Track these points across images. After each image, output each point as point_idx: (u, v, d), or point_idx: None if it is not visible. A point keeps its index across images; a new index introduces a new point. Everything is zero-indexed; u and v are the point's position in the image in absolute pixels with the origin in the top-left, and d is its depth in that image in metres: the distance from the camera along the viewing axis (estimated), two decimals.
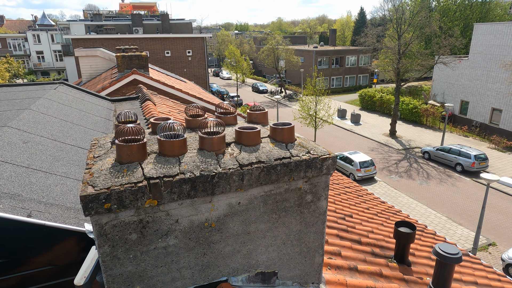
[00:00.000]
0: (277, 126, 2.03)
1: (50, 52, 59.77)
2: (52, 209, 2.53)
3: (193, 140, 2.02)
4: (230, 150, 1.91)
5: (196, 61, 30.13)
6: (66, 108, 5.42)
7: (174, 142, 1.77)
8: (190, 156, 1.81)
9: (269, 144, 2.00)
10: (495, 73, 29.53)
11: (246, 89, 56.20)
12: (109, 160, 1.78)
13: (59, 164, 3.34)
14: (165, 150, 1.78)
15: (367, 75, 54.27)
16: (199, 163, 1.75)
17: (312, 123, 27.23)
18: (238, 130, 1.96)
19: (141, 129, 1.78)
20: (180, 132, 1.86)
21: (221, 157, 1.83)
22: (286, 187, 1.94)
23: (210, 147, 1.85)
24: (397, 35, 28.93)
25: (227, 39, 72.21)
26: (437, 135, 31.15)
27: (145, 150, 1.77)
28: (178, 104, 9.41)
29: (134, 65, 13.41)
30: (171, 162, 1.74)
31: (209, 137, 1.83)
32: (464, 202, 19.63)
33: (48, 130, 4.13)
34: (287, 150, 1.95)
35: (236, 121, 2.40)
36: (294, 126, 2.03)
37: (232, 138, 2.06)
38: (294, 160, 1.87)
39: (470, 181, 22.15)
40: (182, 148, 1.81)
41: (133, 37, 28.51)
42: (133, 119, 2.18)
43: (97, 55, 19.50)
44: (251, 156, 1.85)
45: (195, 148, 1.91)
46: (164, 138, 1.80)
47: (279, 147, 1.97)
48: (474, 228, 16.94)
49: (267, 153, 1.89)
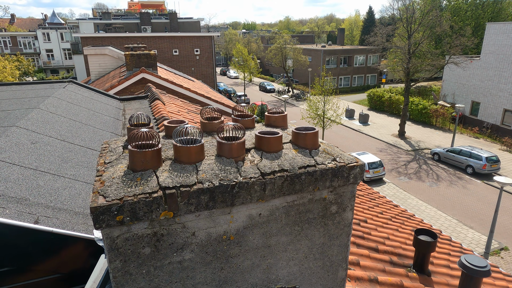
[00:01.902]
0: (300, 131, 1.89)
1: (60, 50, 60.28)
2: (60, 214, 2.42)
3: (210, 146, 1.89)
4: (250, 156, 1.78)
5: (204, 60, 30.09)
6: (75, 107, 5.34)
7: (191, 148, 1.64)
8: (208, 164, 1.67)
9: (292, 150, 1.86)
10: (508, 73, 28.97)
11: (253, 88, 56.06)
12: (121, 167, 1.65)
13: (68, 166, 3.24)
14: (181, 157, 1.65)
15: (375, 75, 53.72)
16: (218, 171, 1.62)
17: (320, 123, 26.99)
18: (258, 135, 1.82)
19: (155, 133, 1.65)
20: (197, 137, 1.73)
21: (241, 165, 1.69)
22: (310, 197, 1.80)
23: (229, 154, 1.71)
24: (407, 35, 28.52)
25: (234, 38, 72.10)
26: (447, 136, 30.66)
27: (160, 156, 1.64)
28: (187, 103, 9.31)
29: (143, 64, 13.36)
30: (188, 170, 1.61)
31: (228, 142, 1.70)
32: (475, 205, 19.25)
33: (56, 130, 4.04)
34: (311, 157, 1.81)
35: (254, 124, 2.27)
36: (318, 131, 1.89)
37: (252, 144, 1.93)
38: (319, 169, 1.72)
39: (481, 184, 21.73)
40: (200, 154, 1.68)
41: (141, 36, 28.56)
42: (146, 122, 2.06)
43: (105, 53, 19.53)
44: (273, 163, 1.71)
45: (212, 154, 1.78)
46: (180, 143, 1.67)
47: (303, 154, 1.83)
48: (486, 232, 16.60)
49: (290, 160, 1.75)
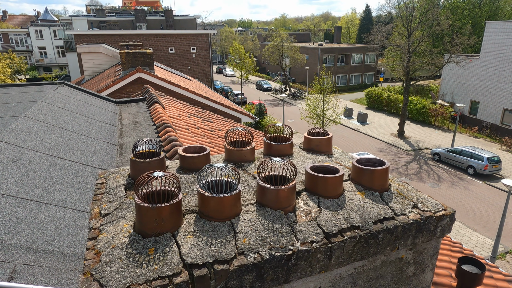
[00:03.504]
0: (365, 166, 1.40)
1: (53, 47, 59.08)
2: (44, 258, 1.93)
3: (246, 188, 1.39)
4: (303, 205, 1.29)
5: (201, 58, 29.48)
6: (66, 114, 4.81)
7: (224, 200, 1.15)
8: (248, 219, 1.18)
9: (356, 193, 1.38)
10: (508, 72, 28.73)
11: (250, 87, 55.43)
12: (124, 226, 1.16)
13: (56, 189, 2.74)
14: (210, 211, 1.16)
15: (372, 73, 53.40)
16: (264, 232, 1.13)
17: (319, 122, 26.55)
18: (312, 174, 1.33)
19: (173, 178, 1.15)
20: (231, 179, 1.24)
21: (294, 219, 1.20)
22: (383, 259, 1.32)
23: (277, 204, 1.23)
24: (406, 33, 28.14)
25: (230, 36, 71.28)
26: (446, 135, 30.39)
27: (181, 211, 1.15)
28: (187, 106, 8.80)
29: (139, 63, 12.78)
30: (222, 232, 1.12)
31: (275, 188, 1.21)
32: (478, 207, 18.96)
33: (44, 142, 3.53)
34: (385, 204, 1.32)
35: (292, 149, 1.78)
36: (389, 167, 1.41)
37: (300, 181, 1.44)
38: (400, 223, 1.24)
39: (483, 185, 21.45)
40: (236, 206, 1.19)
41: (136, 33, 27.87)
42: (155, 150, 1.56)
43: (100, 51, 18.87)
44: (337, 216, 1.22)
45: (251, 202, 1.29)
46: (207, 190, 1.17)
47: (372, 199, 1.35)
48: (490, 234, 16.30)
49: (359, 210, 1.27)
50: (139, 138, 4.84)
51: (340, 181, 1.33)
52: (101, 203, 1.33)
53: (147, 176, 1.11)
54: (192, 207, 1.25)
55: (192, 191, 1.37)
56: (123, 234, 1.12)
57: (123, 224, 1.16)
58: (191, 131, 5.97)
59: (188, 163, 1.53)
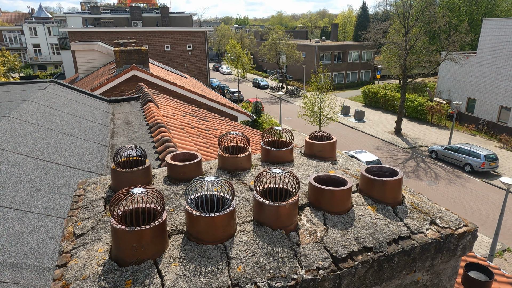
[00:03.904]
0: (376, 177, 1.24)
1: (47, 45, 58.44)
2: (22, 274, 1.76)
3: (242, 203, 1.23)
4: (307, 222, 1.13)
5: (197, 56, 29.22)
6: (55, 113, 4.63)
7: (215, 220, 0.99)
8: (243, 242, 1.02)
9: (366, 207, 1.22)
10: (505, 70, 28.72)
11: (247, 84, 55.17)
12: (99, 251, 0.99)
13: (39, 195, 2.57)
14: (199, 233, 1.00)
15: (369, 71, 53.33)
16: (262, 257, 0.97)
17: (316, 120, 26.42)
18: (316, 187, 1.18)
19: (157, 195, 0.99)
20: (225, 195, 1.07)
21: (296, 239, 1.04)
22: (397, 283, 1.16)
23: (277, 222, 1.07)
24: (403, 30, 28.03)
25: (227, 33, 70.88)
26: (443, 133, 30.38)
27: (165, 234, 0.99)
28: (182, 104, 8.61)
29: (134, 60, 12.56)
30: (213, 258, 0.96)
31: (275, 205, 1.05)
32: (475, 204, 18.94)
33: (29, 144, 3.35)
34: (399, 220, 1.17)
35: (292, 155, 1.61)
36: (403, 177, 1.25)
37: (302, 194, 1.28)
38: (418, 242, 1.09)
39: (480, 182, 21.44)
40: (230, 226, 1.03)
41: (132, 31, 27.55)
42: (140, 157, 1.39)
43: (94, 49, 18.59)
44: (346, 236, 1.06)
45: (247, 220, 1.13)
46: (197, 210, 1.01)
47: (385, 214, 1.19)
48: (487, 232, 16.27)
49: (370, 227, 1.11)
50: (131, 139, 4.67)
51: (348, 195, 1.17)
52: (76, 220, 1.16)
53: (125, 193, 0.94)
54: (180, 227, 1.08)
55: (180, 206, 1.20)
56: (97, 261, 0.95)
57: (97, 249, 0.99)
58: (186, 131, 5.80)
59: (176, 173, 1.37)
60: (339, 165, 1.56)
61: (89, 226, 1.11)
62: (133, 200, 0.96)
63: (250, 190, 1.30)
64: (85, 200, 1.29)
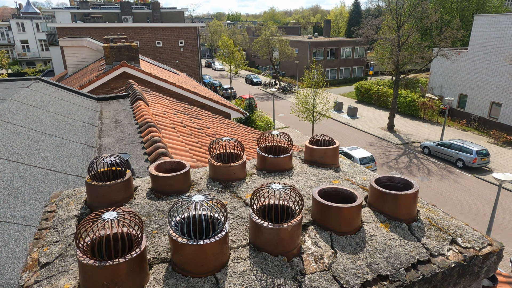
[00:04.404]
0: (388, 191, 1.10)
1: (36, 41, 57.30)
2: None
3: (236, 223, 1.08)
4: (312, 245, 0.98)
5: (189, 52, 28.87)
6: (38, 113, 4.40)
7: (205, 248, 0.83)
8: (238, 272, 0.87)
9: (378, 225, 1.07)
10: (495, 66, 28.94)
11: (240, 81, 54.87)
12: (65, 286, 0.83)
13: (17, 203, 2.38)
14: (186, 264, 0.84)
15: (362, 67, 53.43)
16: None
17: (309, 117, 26.35)
18: (322, 203, 1.02)
19: (135, 219, 0.83)
20: (218, 216, 0.92)
21: (300, 267, 0.89)
22: None
23: (278, 247, 0.91)
24: (396, 26, 28.04)
25: (219, 29, 70.31)
26: (435, 129, 30.58)
27: (145, 265, 0.83)
28: (173, 102, 8.38)
29: (124, 57, 12.27)
30: None
31: (275, 228, 0.90)
32: (467, 200, 19.08)
33: (9, 146, 3.14)
34: (416, 241, 1.02)
35: (292, 162, 1.46)
36: (418, 190, 1.10)
37: (305, 210, 1.13)
38: (440, 268, 0.94)
39: (472, 178, 21.62)
40: (222, 254, 0.87)
41: (122, 26, 27.07)
42: (121, 168, 1.22)
43: (83, 45, 18.18)
44: (358, 262, 0.91)
45: (242, 242, 0.98)
46: (182, 236, 0.85)
47: (399, 233, 1.04)
48: (480, 228, 16.39)
49: (385, 250, 0.96)
50: (119, 139, 4.47)
51: (358, 212, 1.02)
52: (43, 245, 0.99)
53: (93, 219, 0.78)
54: (163, 254, 0.92)
55: (165, 226, 1.04)
56: None
57: (63, 284, 0.83)
58: (177, 130, 5.61)
59: (161, 185, 1.20)
60: (343, 173, 1.41)
61: (56, 253, 0.94)
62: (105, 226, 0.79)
63: (246, 205, 1.14)
64: (56, 219, 1.12)
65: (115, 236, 0.83)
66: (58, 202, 1.23)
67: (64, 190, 1.30)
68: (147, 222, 1.00)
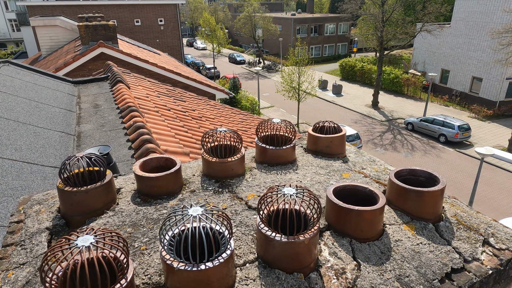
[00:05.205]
0: (411, 187, 0.96)
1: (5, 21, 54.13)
2: None
3: (237, 231, 0.92)
4: (330, 255, 0.84)
5: (169, 31, 27.87)
6: (9, 99, 4.08)
7: (207, 273, 0.67)
8: None
9: (402, 227, 0.94)
10: (477, 41, 29.18)
11: (223, 60, 53.75)
12: None
13: None
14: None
15: (346, 43, 53.05)
16: None
17: (295, 95, 26.16)
18: (338, 206, 0.88)
19: (119, 243, 0.66)
20: (217, 226, 0.76)
21: (320, 286, 0.75)
22: None
23: (293, 264, 0.77)
24: (380, 1, 27.70)
25: (200, 6, 68.06)
26: (418, 105, 30.95)
27: None
28: (156, 84, 8.03)
29: (100, 36, 11.67)
30: None
31: (290, 241, 0.75)
32: (450, 174, 19.59)
33: None
34: (446, 244, 0.89)
35: (294, 153, 1.30)
36: (446, 185, 0.97)
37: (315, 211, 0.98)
38: (477, 277, 0.82)
39: (454, 152, 22.15)
40: (227, 277, 0.72)
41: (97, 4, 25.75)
42: (100, 167, 1.03)
43: (57, 24, 17.21)
44: (386, 276, 0.78)
45: (249, 257, 0.83)
46: (178, 259, 0.69)
47: (426, 236, 0.92)
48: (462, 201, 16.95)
49: (413, 258, 0.83)
50: (100, 125, 4.19)
51: (381, 215, 0.88)
52: (7, 268, 0.82)
53: (63, 247, 0.61)
54: (155, 277, 0.76)
55: (156, 239, 0.88)
56: None
57: None
58: (161, 114, 5.36)
59: (149, 187, 1.03)
60: (352, 164, 1.27)
61: (23, 280, 0.77)
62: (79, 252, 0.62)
63: (248, 208, 0.99)
64: (23, 232, 0.94)
65: (93, 262, 0.66)
66: (27, 209, 1.05)
67: (34, 194, 1.12)
68: (134, 235, 0.83)
